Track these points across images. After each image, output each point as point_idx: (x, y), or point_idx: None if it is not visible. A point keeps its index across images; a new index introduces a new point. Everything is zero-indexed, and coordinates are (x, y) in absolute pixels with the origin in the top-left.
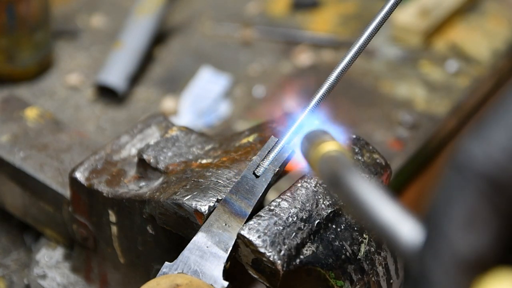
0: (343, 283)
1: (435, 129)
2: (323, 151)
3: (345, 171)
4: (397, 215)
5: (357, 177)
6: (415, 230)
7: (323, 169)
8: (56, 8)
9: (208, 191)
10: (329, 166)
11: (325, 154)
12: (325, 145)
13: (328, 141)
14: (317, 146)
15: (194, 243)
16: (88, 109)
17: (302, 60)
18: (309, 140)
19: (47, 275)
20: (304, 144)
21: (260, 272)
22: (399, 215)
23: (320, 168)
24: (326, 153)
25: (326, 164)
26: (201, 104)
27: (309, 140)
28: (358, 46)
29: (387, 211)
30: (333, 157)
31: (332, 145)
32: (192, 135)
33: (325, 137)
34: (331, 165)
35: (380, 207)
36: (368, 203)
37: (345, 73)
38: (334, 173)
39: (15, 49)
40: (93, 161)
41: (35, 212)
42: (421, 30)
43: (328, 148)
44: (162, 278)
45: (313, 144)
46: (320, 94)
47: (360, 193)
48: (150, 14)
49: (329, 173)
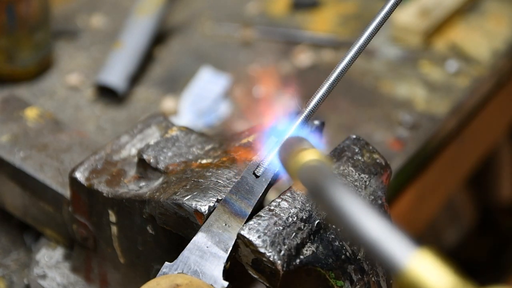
0: (343, 283)
1: (435, 129)
2: (303, 161)
3: (327, 182)
4: (380, 228)
5: (339, 188)
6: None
7: (304, 180)
8: (56, 8)
9: (208, 191)
10: (310, 176)
11: (305, 163)
12: (305, 153)
13: (307, 149)
14: (296, 155)
15: (194, 243)
16: (88, 109)
17: (302, 60)
18: (287, 148)
19: (47, 275)
20: (281, 152)
21: (260, 272)
22: (382, 227)
23: (301, 178)
24: (306, 163)
25: (307, 175)
26: (201, 104)
27: (287, 148)
28: (358, 47)
29: (370, 223)
30: (313, 167)
31: (311, 154)
32: (192, 135)
33: (303, 144)
34: (312, 176)
35: (363, 220)
36: (351, 216)
37: (345, 73)
38: (316, 184)
39: (15, 49)
40: (93, 161)
41: (35, 212)
42: (421, 30)
43: (308, 157)
44: (162, 278)
45: (292, 153)
46: (320, 95)
47: (343, 205)
48: (150, 14)
49: (311, 184)
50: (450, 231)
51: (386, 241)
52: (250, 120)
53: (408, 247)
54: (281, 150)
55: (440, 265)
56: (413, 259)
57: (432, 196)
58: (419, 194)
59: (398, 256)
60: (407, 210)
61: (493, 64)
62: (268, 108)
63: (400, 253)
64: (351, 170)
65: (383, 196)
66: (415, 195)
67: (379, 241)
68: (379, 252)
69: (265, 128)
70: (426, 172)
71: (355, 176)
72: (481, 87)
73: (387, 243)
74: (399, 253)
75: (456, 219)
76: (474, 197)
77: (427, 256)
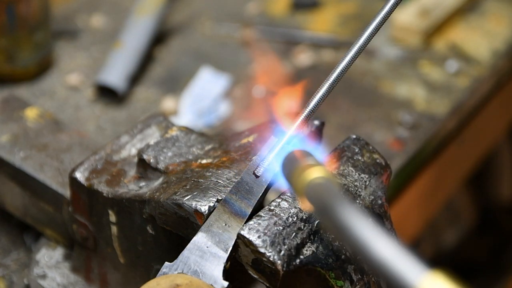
0: (343, 283)
1: (435, 129)
2: (309, 178)
3: (335, 201)
4: (390, 249)
5: (348, 208)
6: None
7: (312, 199)
8: (56, 8)
9: (208, 191)
10: (317, 195)
11: (311, 181)
12: (311, 170)
13: (313, 165)
14: (302, 171)
15: (194, 243)
16: (88, 109)
17: (302, 60)
18: (292, 163)
19: (47, 275)
20: (286, 166)
21: (260, 272)
22: (392, 248)
23: (308, 196)
24: (313, 181)
25: (314, 193)
26: (201, 104)
27: (291, 163)
28: (358, 47)
29: (380, 244)
30: (320, 185)
31: (318, 171)
32: (192, 135)
33: (308, 160)
34: (319, 195)
35: (373, 241)
36: (360, 236)
37: (345, 73)
38: (324, 203)
39: (15, 49)
40: (93, 161)
41: (35, 212)
42: (421, 30)
43: (314, 174)
44: (162, 278)
45: (297, 168)
46: (320, 95)
47: (352, 225)
48: (150, 14)
49: (319, 203)
50: (450, 231)
51: (396, 263)
52: (250, 120)
53: (419, 268)
54: (285, 164)
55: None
56: (425, 281)
57: (432, 196)
58: (419, 194)
59: (409, 278)
60: (407, 210)
61: (493, 64)
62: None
63: (411, 274)
64: (351, 170)
65: (383, 196)
66: (415, 195)
67: (389, 263)
68: (389, 274)
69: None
70: (426, 172)
71: (355, 176)
72: (481, 87)
73: (397, 265)
74: (411, 275)
75: (456, 219)
76: (474, 197)
77: (439, 278)
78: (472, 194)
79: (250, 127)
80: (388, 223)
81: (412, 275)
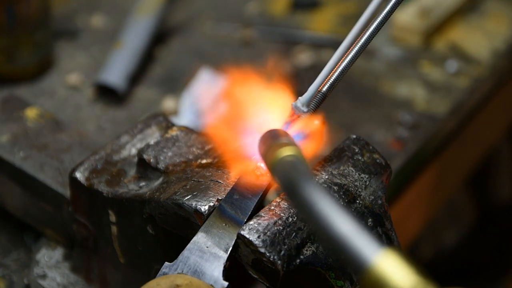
0: (343, 283)
1: (435, 129)
2: (280, 155)
3: (300, 178)
4: (349, 227)
5: (312, 186)
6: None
7: (278, 174)
8: (56, 8)
9: (208, 191)
10: (284, 172)
11: (282, 158)
12: (283, 149)
13: (286, 144)
14: (275, 149)
15: (194, 243)
16: (88, 109)
17: (302, 60)
18: (267, 141)
19: (47, 275)
20: (262, 144)
21: (260, 272)
22: (351, 227)
23: (275, 172)
24: (283, 158)
25: (282, 170)
26: (201, 104)
27: (267, 141)
28: (358, 48)
29: (340, 222)
30: (289, 163)
31: (289, 150)
32: (192, 135)
33: (283, 139)
34: (286, 171)
35: (333, 218)
36: (322, 213)
37: (345, 74)
38: (288, 179)
39: (15, 49)
40: (93, 161)
41: (35, 212)
42: (421, 30)
43: (285, 152)
44: (162, 278)
45: (271, 146)
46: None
47: (314, 202)
48: (150, 14)
49: (284, 179)
50: (450, 231)
51: (354, 240)
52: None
53: (374, 246)
54: (261, 142)
55: (405, 265)
56: (379, 258)
57: (432, 196)
58: (419, 194)
59: (364, 254)
60: (407, 210)
61: (493, 64)
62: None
63: (367, 252)
64: (351, 170)
65: (383, 196)
66: (415, 195)
67: (347, 240)
68: (346, 250)
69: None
70: (426, 172)
71: (355, 176)
72: (481, 87)
73: (355, 242)
74: (366, 252)
75: (456, 219)
76: (474, 197)
77: (393, 256)
78: (472, 194)
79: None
80: (388, 223)
81: (368, 252)
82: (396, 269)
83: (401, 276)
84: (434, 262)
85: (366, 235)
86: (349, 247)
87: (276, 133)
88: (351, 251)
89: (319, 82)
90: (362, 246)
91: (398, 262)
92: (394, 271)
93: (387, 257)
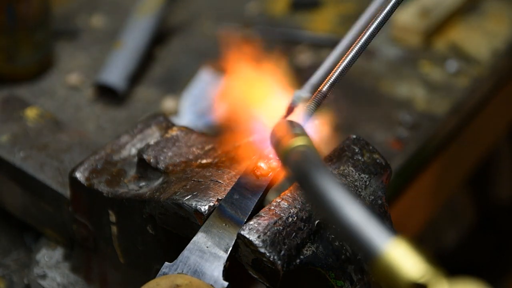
0: (343, 283)
1: (435, 129)
2: (292, 145)
3: (312, 167)
4: (360, 215)
5: (324, 174)
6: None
7: (290, 164)
8: (56, 8)
9: (208, 191)
10: (296, 161)
11: (293, 148)
12: (295, 139)
13: (298, 134)
14: (287, 140)
15: (194, 243)
16: (88, 109)
17: (302, 60)
18: (279, 132)
19: (47, 275)
20: (273, 135)
21: (260, 272)
22: (362, 215)
23: (287, 162)
24: (295, 148)
25: (294, 160)
26: (201, 104)
27: (279, 131)
28: (358, 48)
29: (351, 210)
30: (301, 153)
31: (301, 140)
32: (192, 135)
33: (295, 130)
34: (298, 161)
35: (344, 206)
36: (333, 201)
37: (345, 74)
38: (300, 169)
39: (15, 49)
40: (93, 161)
41: (35, 212)
42: (421, 30)
43: (297, 142)
44: (162, 279)
45: (284, 137)
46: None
47: (326, 190)
48: (150, 14)
49: (296, 168)
50: (450, 231)
51: (365, 228)
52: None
53: (385, 234)
54: (272, 133)
55: (415, 254)
56: (390, 246)
57: (432, 196)
58: (419, 194)
59: (375, 242)
60: (407, 210)
61: (493, 64)
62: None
63: (378, 239)
64: (351, 170)
65: (383, 196)
66: (415, 195)
67: (358, 227)
68: (357, 237)
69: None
70: (426, 172)
71: (355, 176)
72: (481, 87)
73: (365, 229)
74: (377, 240)
75: (456, 219)
76: (474, 197)
77: (403, 244)
78: (472, 194)
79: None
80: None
81: (379, 240)
82: (406, 258)
83: (411, 264)
84: (434, 262)
85: (377, 224)
86: (360, 235)
87: (288, 123)
88: (363, 239)
89: (318, 77)
90: (373, 235)
91: (408, 251)
92: (404, 259)
93: (398, 246)
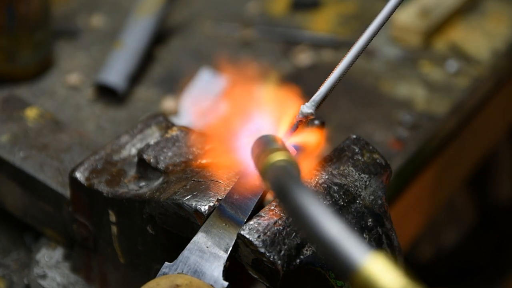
0: (343, 283)
1: (435, 129)
2: (272, 160)
3: (291, 183)
4: (338, 231)
5: (302, 190)
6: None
7: (270, 179)
8: (56, 8)
9: (208, 191)
10: (276, 177)
11: (273, 163)
12: (275, 154)
13: (279, 149)
14: (267, 154)
15: (194, 243)
16: (88, 109)
17: (302, 60)
18: (260, 146)
19: (47, 275)
20: (254, 149)
21: (260, 272)
22: (340, 230)
23: (267, 177)
24: (275, 163)
25: (274, 175)
26: (201, 104)
27: (260, 146)
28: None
29: (329, 226)
30: (280, 168)
31: (281, 155)
32: (192, 135)
33: (276, 144)
34: (277, 176)
35: (323, 222)
36: (312, 217)
37: (345, 75)
38: (280, 184)
39: (15, 49)
40: (93, 161)
41: (35, 212)
42: (421, 30)
43: (277, 157)
44: (162, 278)
45: (264, 151)
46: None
47: (304, 206)
48: (150, 14)
49: (275, 184)
50: (450, 231)
51: (343, 243)
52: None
53: (364, 249)
54: (253, 147)
55: (393, 268)
56: (368, 261)
57: (432, 196)
58: (419, 194)
59: (354, 256)
60: (407, 210)
61: (493, 64)
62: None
63: (356, 254)
64: (351, 170)
65: (383, 196)
66: (415, 195)
67: (337, 242)
68: (336, 252)
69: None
70: (426, 172)
71: (355, 176)
72: (481, 87)
73: (344, 244)
74: (355, 254)
75: (456, 219)
76: (474, 197)
77: (381, 259)
78: (472, 194)
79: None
80: (388, 223)
81: (357, 255)
82: (385, 272)
83: (389, 279)
84: (434, 262)
85: (356, 239)
86: (339, 250)
87: (268, 138)
88: (341, 254)
89: (328, 86)
90: (352, 249)
91: (387, 265)
92: (382, 273)
93: (376, 260)
